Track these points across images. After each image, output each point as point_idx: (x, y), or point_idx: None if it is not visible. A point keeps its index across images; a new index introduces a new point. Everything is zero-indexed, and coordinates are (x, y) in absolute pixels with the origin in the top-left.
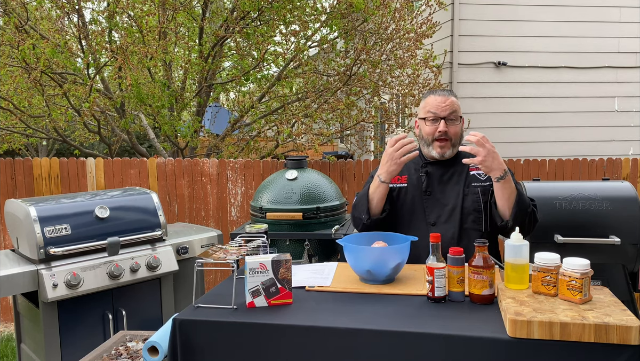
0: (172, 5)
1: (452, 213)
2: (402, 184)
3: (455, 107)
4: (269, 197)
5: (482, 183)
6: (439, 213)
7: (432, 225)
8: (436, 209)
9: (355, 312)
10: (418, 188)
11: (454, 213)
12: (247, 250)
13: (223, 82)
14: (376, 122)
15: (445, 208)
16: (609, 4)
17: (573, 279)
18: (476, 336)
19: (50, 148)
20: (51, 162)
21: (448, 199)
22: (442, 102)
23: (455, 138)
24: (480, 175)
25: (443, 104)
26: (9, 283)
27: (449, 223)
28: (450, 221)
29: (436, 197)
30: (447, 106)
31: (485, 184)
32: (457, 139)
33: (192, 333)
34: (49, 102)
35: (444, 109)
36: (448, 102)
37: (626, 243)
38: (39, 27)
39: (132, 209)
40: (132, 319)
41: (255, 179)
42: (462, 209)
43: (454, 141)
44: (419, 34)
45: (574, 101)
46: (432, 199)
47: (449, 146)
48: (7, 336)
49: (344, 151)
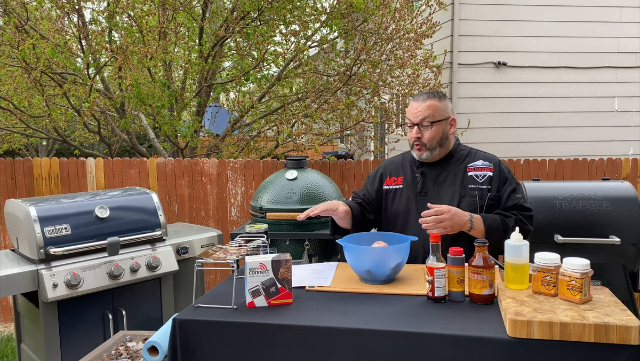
0: (172, 5)
1: None
2: (398, 185)
3: (427, 113)
4: (269, 197)
5: (480, 186)
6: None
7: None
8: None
9: (355, 312)
10: (413, 188)
11: None
12: (247, 250)
13: (223, 82)
14: (376, 122)
15: None
16: (609, 4)
17: (573, 279)
18: (476, 336)
19: (50, 148)
20: (51, 162)
21: (443, 200)
22: (415, 109)
23: (430, 143)
24: (477, 177)
25: (415, 110)
26: (9, 283)
27: None
28: None
29: (431, 197)
30: (419, 112)
31: (483, 187)
32: (434, 143)
33: (192, 333)
34: (49, 102)
35: (416, 116)
36: (420, 108)
37: (626, 243)
38: (39, 27)
39: (132, 209)
40: (132, 319)
41: (255, 179)
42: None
43: (429, 145)
44: (419, 34)
45: (574, 101)
46: (427, 199)
47: (425, 150)
48: (7, 336)
49: (344, 151)
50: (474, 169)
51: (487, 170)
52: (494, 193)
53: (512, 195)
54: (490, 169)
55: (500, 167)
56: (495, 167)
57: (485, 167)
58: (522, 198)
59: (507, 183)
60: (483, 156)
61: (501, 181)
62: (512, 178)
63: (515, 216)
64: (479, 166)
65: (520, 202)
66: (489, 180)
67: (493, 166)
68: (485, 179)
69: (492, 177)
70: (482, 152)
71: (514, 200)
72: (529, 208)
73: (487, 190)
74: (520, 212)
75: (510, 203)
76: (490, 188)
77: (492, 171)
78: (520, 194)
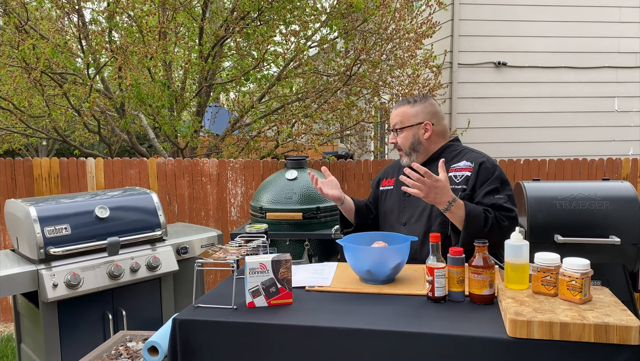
0: (172, 5)
1: (421, 214)
2: (390, 186)
3: (398, 119)
4: (269, 197)
5: (455, 186)
6: (411, 214)
7: (403, 225)
8: (410, 210)
9: (355, 312)
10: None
11: (423, 214)
12: (247, 250)
13: (223, 82)
14: (376, 122)
15: (417, 208)
16: (609, 4)
17: (573, 279)
18: (476, 336)
19: (50, 148)
20: (51, 162)
21: (421, 200)
22: (392, 115)
23: (405, 147)
24: (455, 177)
25: (392, 116)
26: (9, 283)
27: (418, 223)
28: (419, 221)
29: (412, 198)
30: (392, 118)
31: (458, 187)
32: (409, 147)
33: (192, 333)
34: (49, 102)
35: (392, 121)
36: (394, 114)
37: (626, 243)
38: (39, 27)
39: (132, 209)
40: (132, 319)
41: (255, 179)
42: (432, 211)
43: (405, 150)
44: (419, 34)
45: (574, 101)
46: (409, 200)
47: (403, 155)
48: (7, 336)
49: (344, 151)
50: (454, 170)
51: (465, 170)
52: (468, 192)
53: (490, 195)
54: (469, 169)
55: (482, 167)
56: (475, 167)
57: (465, 168)
58: (503, 198)
59: (487, 183)
60: (469, 156)
61: (479, 181)
62: (496, 179)
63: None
64: (460, 167)
65: (499, 202)
66: (466, 180)
67: (473, 166)
68: (462, 179)
69: (469, 177)
70: (475, 152)
71: (492, 200)
72: (509, 208)
73: (461, 190)
74: (499, 211)
75: (488, 201)
76: (466, 187)
77: (471, 170)
78: (504, 195)
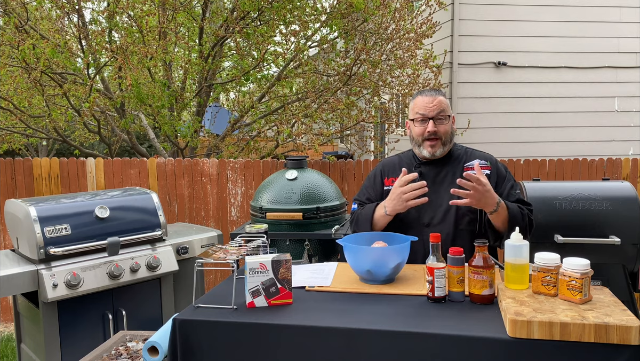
0: (172, 5)
1: (446, 214)
2: None
3: (443, 107)
4: (269, 197)
5: None
6: (432, 214)
7: (425, 226)
8: (430, 210)
9: (355, 312)
10: None
11: (449, 214)
12: (247, 250)
13: (223, 82)
14: (376, 122)
15: (439, 208)
16: (609, 4)
17: (573, 279)
18: (476, 336)
19: (50, 148)
20: (51, 162)
21: (442, 200)
22: (430, 103)
23: (445, 137)
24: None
25: (430, 104)
26: (9, 283)
27: (443, 223)
28: (445, 222)
29: (430, 198)
30: (435, 106)
31: None
32: (448, 137)
33: (192, 333)
34: (49, 102)
35: (432, 110)
36: (436, 102)
37: (626, 243)
38: (39, 27)
39: (132, 209)
40: (132, 319)
41: (255, 179)
42: (457, 210)
43: (444, 139)
44: (419, 34)
45: (574, 101)
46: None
47: (440, 145)
48: (7, 336)
49: (344, 151)
50: (471, 167)
51: (485, 169)
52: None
53: (511, 191)
54: (487, 167)
55: (497, 165)
56: (492, 165)
57: (484, 167)
58: (520, 194)
59: (505, 180)
60: (479, 155)
61: (499, 179)
62: (509, 175)
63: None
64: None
65: (521, 197)
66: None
67: (490, 165)
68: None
69: (489, 176)
70: (478, 151)
71: (516, 195)
72: (528, 202)
73: None
74: (525, 206)
75: (513, 198)
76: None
77: (490, 169)
78: (519, 190)
